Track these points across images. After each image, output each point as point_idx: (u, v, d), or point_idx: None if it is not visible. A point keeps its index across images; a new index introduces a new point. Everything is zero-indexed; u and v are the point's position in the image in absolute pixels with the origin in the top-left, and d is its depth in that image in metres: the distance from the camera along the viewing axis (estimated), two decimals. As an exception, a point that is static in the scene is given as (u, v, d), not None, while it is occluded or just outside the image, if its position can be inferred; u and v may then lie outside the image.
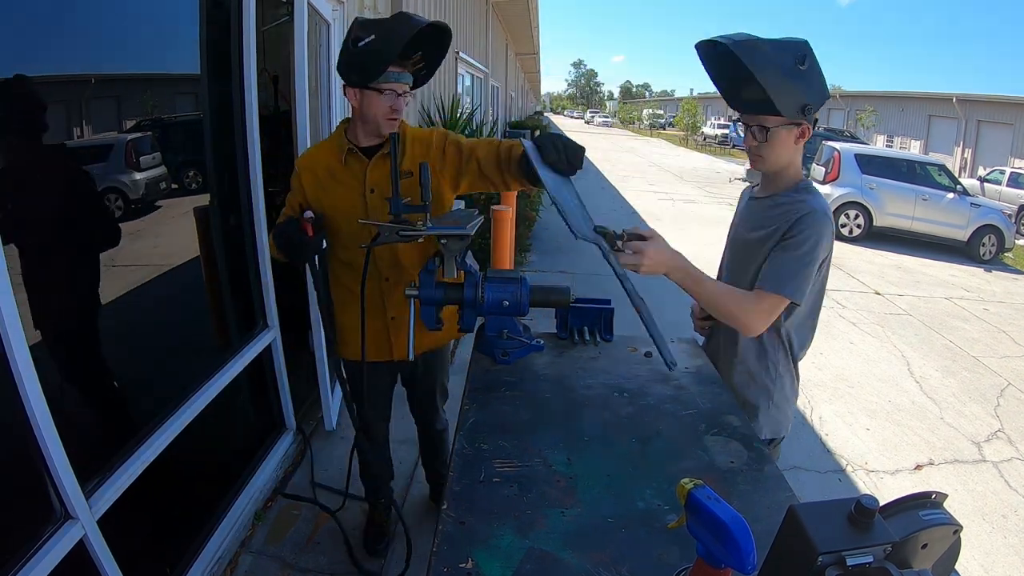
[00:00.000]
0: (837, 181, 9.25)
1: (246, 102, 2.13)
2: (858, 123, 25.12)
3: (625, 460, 1.13)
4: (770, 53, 1.23)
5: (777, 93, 1.24)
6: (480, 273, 1.50)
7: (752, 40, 1.23)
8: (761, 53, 1.22)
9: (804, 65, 1.26)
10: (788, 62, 1.25)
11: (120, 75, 1.64)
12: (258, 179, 2.22)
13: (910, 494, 0.76)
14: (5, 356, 1.14)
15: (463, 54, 8.01)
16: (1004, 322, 5.82)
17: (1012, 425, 3.71)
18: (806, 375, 4.10)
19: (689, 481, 0.75)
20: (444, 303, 1.51)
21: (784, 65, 1.24)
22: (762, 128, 1.35)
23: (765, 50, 1.22)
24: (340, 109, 3.16)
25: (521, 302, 1.47)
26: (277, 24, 2.48)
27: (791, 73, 1.25)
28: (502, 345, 1.51)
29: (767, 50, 1.22)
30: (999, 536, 2.67)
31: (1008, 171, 14.26)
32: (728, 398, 1.39)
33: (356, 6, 3.47)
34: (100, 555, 1.38)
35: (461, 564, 0.87)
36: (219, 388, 1.94)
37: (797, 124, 1.33)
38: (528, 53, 21.65)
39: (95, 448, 1.51)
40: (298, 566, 2.03)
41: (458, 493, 1.02)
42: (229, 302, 2.23)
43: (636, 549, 0.91)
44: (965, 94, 21.13)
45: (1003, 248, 8.85)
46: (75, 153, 1.51)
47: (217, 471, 2.20)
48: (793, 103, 1.27)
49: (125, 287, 1.70)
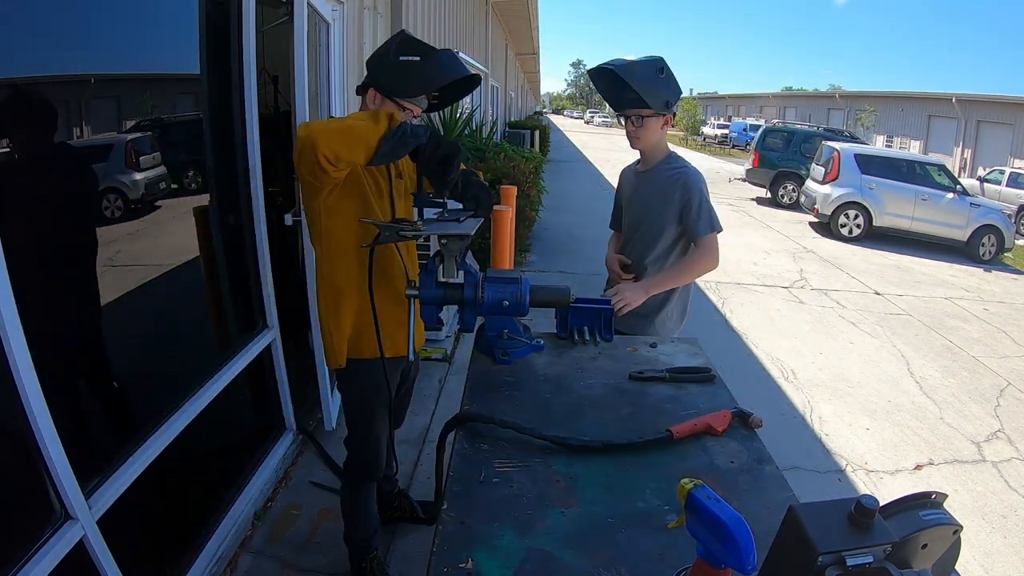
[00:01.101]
0: (837, 181, 9.26)
1: (246, 102, 2.13)
2: (858, 123, 25.13)
3: (625, 460, 1.13)
4: (638, 67, 1.80)
5: (647, 93, 1.79)
6: (480, 273, 1.50)
7: (626, 62, 1.82)
8: (633, 68, 1.79)
9: (663, 73, 1.82)
10: (652, 72, 1.81)
11: (120, 75, 1.64)
12: (258, 179, 2.22)
13: (910, 494, 0.76)
14: (5, 356, 1.14)
15: (463, 54, 8.01)
16: (1004, 322, 5.83)
17: (1012, 425, 3.71)
18: (805, 375, 4.11)
19: (689, 481, 0.75)
20: (444, 303, 1.51)
21: (649, 74, 1.81)
22: (639, 118, 1.88)
23: (635, 67, 1.80)
24: (340, 109, 3.16)
25: (521, 302, 1.47)
26: (277, 24, 2.48)
27: (655, 79, 1.81)
28: (502, 345, 1.51)
29: (636, 67, 1.80)
30: (999, 536, 2.67)
31: (1008, 171, 14.26)
32: (728, 398, 1.39)
33: (356, 6, 3.47)
34: (100, 555, 1.38)
35: (461, 564, 0.87)
36: (219, 388, 1.94)
37: (662, 115, 1.88)
38: (528, 53, 21.65)
39: (95, 448, 1.51)
40: (298, 566, 2.02)
41: (458, 493, 1.02)
42: (229, 302, 2.23)
43: (636, 549, 0.91)
44: (965, 94, 21.13)
45: (1003, 248, 8.85)
46: (75, 153, 1.51)
47: (217, 471, 2.20)
48: (658, 99, 1.82)
49: (125, 287, 1.70)
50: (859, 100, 27.17)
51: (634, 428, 1.24)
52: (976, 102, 20.79)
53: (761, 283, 6.30)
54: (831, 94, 31.72)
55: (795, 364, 4.30)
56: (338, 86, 3.15)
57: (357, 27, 3.51)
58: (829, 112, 29.83)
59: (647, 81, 1.79)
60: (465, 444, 1.16)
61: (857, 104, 27.00)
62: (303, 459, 2.59)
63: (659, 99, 1.82)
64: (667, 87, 1.84)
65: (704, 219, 1.87)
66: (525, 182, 5.35)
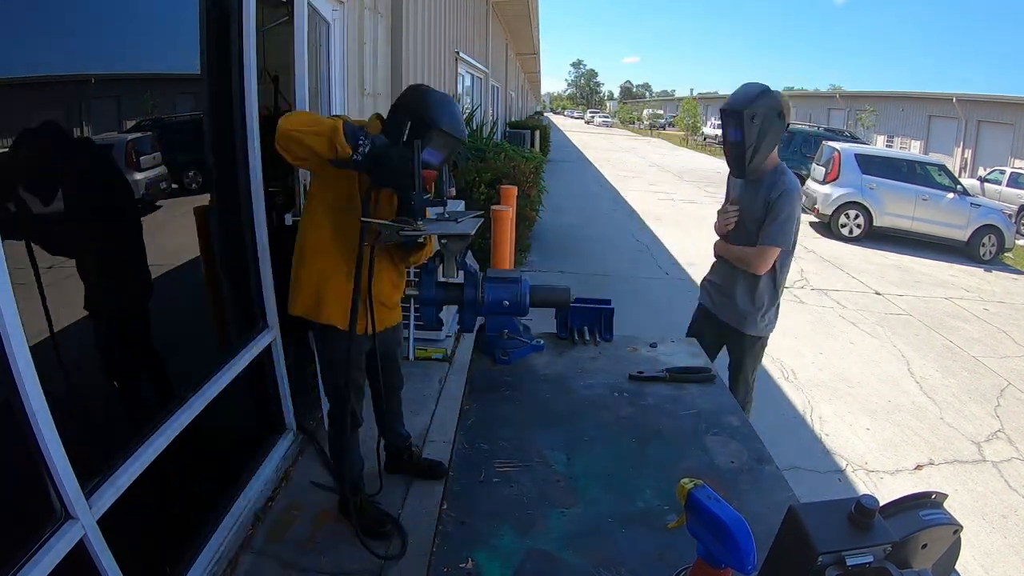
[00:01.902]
0: (837, 181, 9.25)
1: (246, 102, 2.13)
2: (858, 123, 25.12)
3: (625, 460, 1.13)
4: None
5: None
6: (480, 273, 1.50)
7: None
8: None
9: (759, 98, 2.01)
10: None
11: (120, 75, 1.64)
12: (258, 179, 2.21)
13: (910, 494, 0.76)
14: (5, 356, 1.14)
15: (463, 54, 8.01)
16: (1004, 322, 5.82)
17: (1012, 425, 3.70)
18: (806, 375, 4.11)
19: (689, 481, 0.76)
20: (444, 303, 1.51)
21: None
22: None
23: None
24: (340, 109, 3.17)
25: (521, 302, 1.47)
26: (277, 24, 2.48)
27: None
28: (502, 345, 1.51)
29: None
30: (999, 536, 2.67)
31: (1008, 171, 14.25)
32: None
33: (356, 6, 3.47)
34: (100, 555, 1.38)
35: (461, 564, 0.87)
36: (219, 388, 1.94)
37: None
38: (528, 53, 21.64)
39: (95, 448, 1.51)
40: (298, 566, 2.02)
41: (458, 493, 1.02)
42: (229, 302, 2.23)
43: (636, 549, 0.91)
44: (965, 94, 21.12)
45: (1003, 248, 8.85)
46: (75, 153, 1.51)
47: (217, 471, 2.20)
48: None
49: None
50: (859, 100, 27.16)
51: (634, 428, 1.24)
52: (976, 102, 20.78)
53: (761, 283, 6.29)
54: (831, 94, 31.71)
55: (795, 364, 4.30)
56: (338, 86, 3.15)
57: (357, 27, 3.52)
58: (829, 112, 29.81)
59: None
60: (465, 444, 1.16)
61: (857, 104, 26.99)
62: (303, 459, 2.59)
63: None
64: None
65: (774, 230, 2.04)
66: (525, 182, 5.35)
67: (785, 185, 2.04)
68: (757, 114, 1.95)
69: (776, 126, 1.99)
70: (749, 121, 1.95)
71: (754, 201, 2.11)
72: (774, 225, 2.04)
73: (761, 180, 2.09)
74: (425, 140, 1.55)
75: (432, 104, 1.60)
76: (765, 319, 2.22)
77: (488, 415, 1.27)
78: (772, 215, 2.04)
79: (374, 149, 1.49)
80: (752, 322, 2.21)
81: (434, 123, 1.57)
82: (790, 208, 2.03)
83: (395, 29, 4.38)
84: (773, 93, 1.98)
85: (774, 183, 2.05)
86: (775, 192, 2.03)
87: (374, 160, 1.49)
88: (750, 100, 1.96)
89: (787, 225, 2.05)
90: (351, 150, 1.48)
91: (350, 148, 1.48)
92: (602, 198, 10.84)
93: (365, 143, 1.48)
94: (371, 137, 1.51)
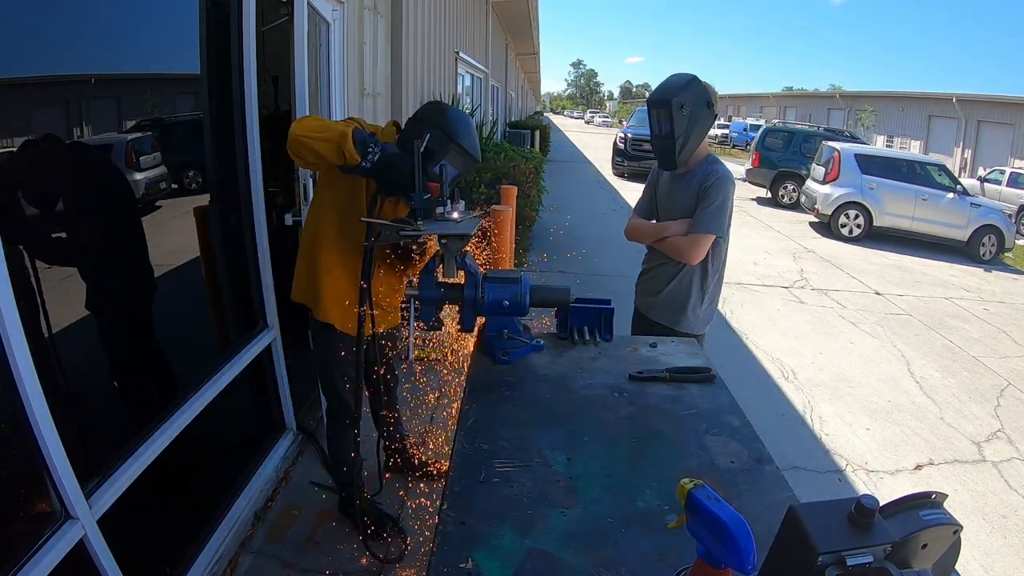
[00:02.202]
0: (837, 181, 9.25)
1: (246, 102, 2.13)
2: (858, 123, 25.12)
3: (625, 460, 1.13)
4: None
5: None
6: (480, 273, 1.50)
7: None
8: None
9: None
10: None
11: (120, 75, 1.64)
12: (258, 179, 2.21)
13: (910, 494, 0.76)
14: (5, 356, 1.14)
15: (463, 54, 8.01)
16: (1004, 322, 5.82)
17: (1012, 425, 3.71)
18: (806, 375, 4.11)
19: (689, 481, 0.75)
20: (444, 303, 1.51)
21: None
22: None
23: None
24: (340, 109, 3.17)
25: (521, 302, 1.47)
26: (277, 24, 2.48)
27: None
28: (502, 345, 1.51)
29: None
30: (999, 536, 2.67)
31: (1008, 171, 14.25)
32: (728, 398, 1.39)
33: (356, 6, 3.47)
34: (100, 555, 1.38)
35: (461, 564, 0.87)
36: (219, 388, 1.94)
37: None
38: (528, 53, 21.64)
39: (95, 448, 1.51)
40: (298, 566, 2.02)
41: (458, 493, 1.02)
42: (229, 302, 2.23)
43: (636, 549, 0.91)
44: (965, 94, 21.11)
45: (1003, 248, 8.85)
46: (74, 153, 1.51)
47: (217, 471, 2.20)
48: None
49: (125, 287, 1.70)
50: (859, 100, 27.15)
51: (634, 428, 1.24)
52: (976, 102, 20.77)
53: (761, 283, 6.30)
54: (831, 94, 31.70)
55: (795, 364, 4.30)
56: (338, 86, 3.15)
57: (357, 27, 3.51)
58: (829, 112, 29.81)
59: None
60: (465, 444, 1.16)
61: (857, 104, 26.98)
62: (303, 459, 2.59)
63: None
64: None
65: (707, 217, 1.95)
66: (525, 182, 5.35)
67: (718, 173, 1.97)
68: (686, 103, 1.88)
69: (705, 115, 1.92)
70: (678, 110, 1.88)
71: (684, 194, 2.03)
72: (708, 212, 1.95)
73: (691, 172, 2.02)
74: (442, 154, 1.57)
75: (453, 121, 1.61)
76: (698, 314, 2.10)
77: (488, 415, 1.27)
78: (705, 202, 1.95)
79: (383, 157, 1.50)
80: (684, 318, 2.09)
81: (453, 137, 1.59)
82: (724, 194, 1.95)
83: (395, 29, 4.37)
84: (701, 82, 1.93)
85: (707, 172, 1.98)
86: (708, 180, 1.96)
87: (382, 168, 1.50)
88: (678, 90, 1.90)
89: (721, 213, 1.96)
90: (360, 157, 1.48)
91: (359, 155, 1.48)
92: (601, 198, 10.84)
93: (375, 151, 1.49)
94: (382, 145, 1.52)
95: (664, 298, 2.12)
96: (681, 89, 1.91)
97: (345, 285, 1.81)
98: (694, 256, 1.98)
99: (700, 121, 1.93)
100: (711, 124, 1.98)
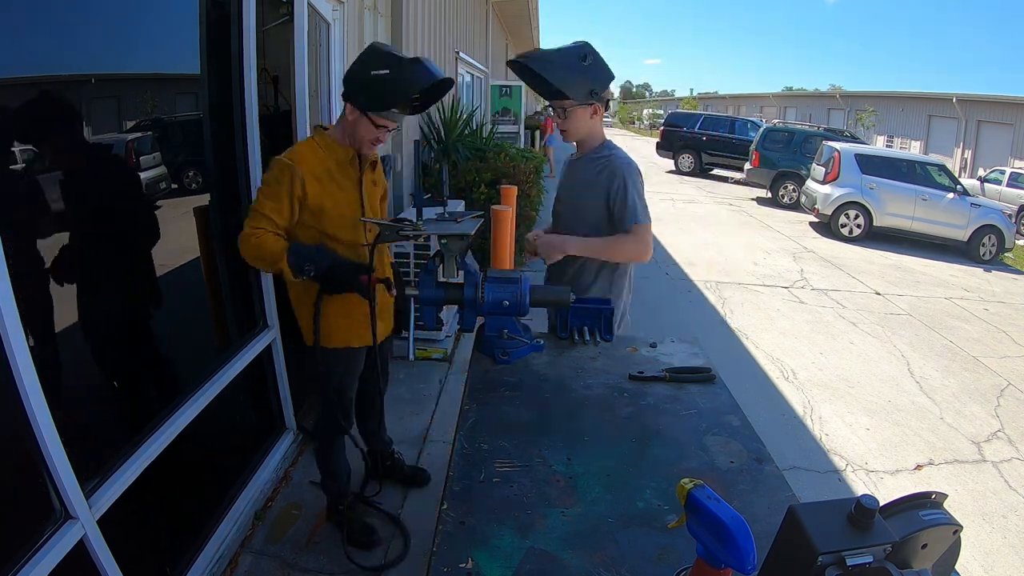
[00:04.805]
0: (837, 181, 9.25)
1: (246, 102, 2.13)
2: (858, 123, 25.10)
3: (625, 460, 1.13)
4: (555, 58, 1.75)
5: (566, 85, 1.74)
6: (480, 273, 1.51)
7: (540, 52, 1.83)
8: (547, 60, 1.76)
9: (586, 61, 1.73)
10: (572, 61, 1.73)
11: (120, 75, 1.64)
12: (258, 179, 2.21)
13: (910, 494, 0.76)
14: (5, 356, 1.14)
15: (463, 54, 8.00)
16: (1004, 322, 5.82)
17: (1012, 425, 3.71)
18: (805, 375, 4.11)
19: (689, 481, 0.75)
20: (444, 303, 1.51)
21: (569, 64, 1.73)
22: (562, 109, 1.81)
23: (551, 57, 1.76)
24: (340, 109, 3.17)
25: (521, 302, 1.47)
26: (277, 24, 2.48)
27: (576, 68, 1.73)
28: (502, 345, 1.51)
29: (553, 57, 1.76)
30: (999, 536, 2.67)
31: (1008, 171, 14.24)
32: (728, 398, 1.39)
33: (356, 6, 3.47)
34: (100, 555, 1.38)
35: (461, 564, 0.87)
36: (219, 388, 1.94)
37: (589, 104, 1.80)
38: (528, 53, 21.61)
39: (95, 448, 1.51)
40: (298, 566, 2.03)
41: (458, 493, 1.02)
42: (229, 302, 2.22)
43: (636, 549, 0.91)
44: (965, 94, 21.08)
45: (1003, 248, 8.85)
46: (75, 152, 1.51)
47: (217, 471, 2.20)
48: (581, 90, 1.76)
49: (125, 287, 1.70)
50: (859, 100, 27.13)
51: (634, 428, 1.24)
52: (976, 102, 20.76)
53: (761, 283, 6.29)
54: (831, 94, 31.68)
55: (795, 364, 4.30)
56: (338, 86, 3.15)
57: (357, 27, 3.51)
58: (829, 112, 29.79)
59: (567, 71, 1.73)
60: (465, 444, 1.16)
61: (857, 104, 26.97)
62: (303, 459, 2.59)
63: (582, 89, 1.75)
64: (592, 76, 1.76)
65: (629, 209, 1.79)
66: (525, 182, 5.35)
67: (621, 159, 1.84)
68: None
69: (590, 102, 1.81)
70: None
71: (579, 176, 1.90)
72: (634, 201, 1.79)
73: (585, 157, 1.90)
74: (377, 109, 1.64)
75: (376, 70, 1.61)
76: (625, 316, 1.99)
77: (488, 415, 1.27)
78: (626, 192, 1.79)
79: (319, 273, 1.63)
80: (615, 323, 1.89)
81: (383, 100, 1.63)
82: (638, 182, 1.83)
83: (395, 29, 4.37)
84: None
85: (607, 159, 1.85)
86: (613, 167, 1.82)
87: (323, 279, 1.65)
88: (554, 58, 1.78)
89: (643, 199, 1.83)
90: (296, 274, 1.61)
91: (295, 274, 1.61)
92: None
93: (309, 269, 1.61)
94: (315, 261, 1.62)
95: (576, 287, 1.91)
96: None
97: (339, 306, 1.78)
98: (646, 251, 1.84)
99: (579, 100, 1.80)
100: (604, 112, 1.88)
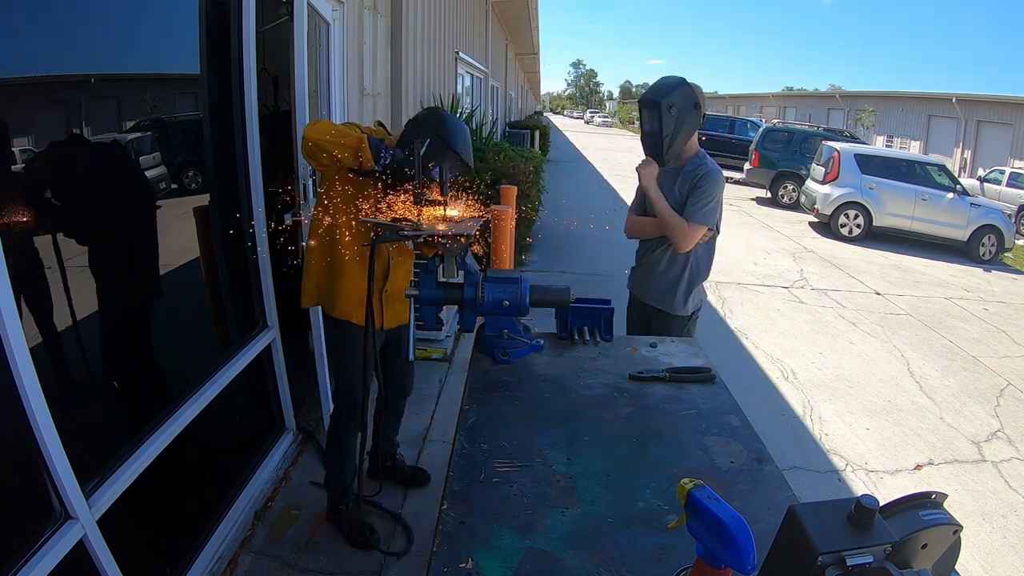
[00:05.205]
0: (837, 181, 9.25)
1: (246, 102, 2.13)
2: (858, 123, 25.10)
3: (625, 460, 1.13)
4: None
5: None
6: (480, 273, 1.51)
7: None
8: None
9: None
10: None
11: (120, 75, 1.64)
12: (258, 179, 2.22)
13: (910, 494, 0.76)
14: (5, 356, 1.14)
15: (463, 54, 8.00)
16: (1004, 322, 5.82)
17: (1012, 425, 3.71)
18: (805, 375, 4.11)
19: (689, 481, 0.76)
20: (444, 303, 1.51)
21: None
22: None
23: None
24: (340, 109, 3.17)
25: (521, 302, 1.47)
26: (277, 24, 2.48)
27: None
28: (502, 345, 1.51)
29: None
30: (999, 536, 2.67)
31: (1008, 171, 14.24)
32: (728, 398, 1.39)
33: (356, 6, 3.47)
34: (100, 555, 1.38)
35: (461, 564, 0.87)
36: (219, 388, 1.94)
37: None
38: (528, 53, 21.63)
39: (95, 448, 1.50)
40: (298, 566, 2.03)
41: (458, 493, 1.02)
42: (229, 302, 2.22)
43: (636, 549, 0.91)
44: (965, 94, 21.07)
45: (1003, 248, 8.84)
46: (75, 153, 1.51)
47: (217, 471, 2.20)
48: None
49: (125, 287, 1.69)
50: (859, 100, 27.13)
51: (634, 428, 1.24)
52: (976, 102, 20.75)
53: (761, 283, 6.30)
54: (831, 94, 31.67)
55: (795, 364, 4.30)
56: (338, 86, 3.15)
57: (357, 27, 3.51)
58: (829, 112, 29.78)
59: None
60: (465, 444, 1.16)
61: (857, 104, 26.96)
62: (303, 459, 2.59)
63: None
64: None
65: (701, 210, 2.06)
66: (525, 182, 5.35)
67: (708, 167, 2.11)
68: (674, 104, 2.03)
69: (692, 116, 2.07)
70: (667, 111, 2.03)
71: (673, 188, 2.15)
72: (701, 205, 2.07)
73: (681, 167, 2.16)
74: (440, 159, 1.72)
75: (452, 130, 1.78)
76: (687, 297, 2.22)
77: (488, 415, 1.27)
78: (698, 196, 2.08)
79: (394, 161, 1.67)
80: (674, 300, 2.22)
81: (451, 146, 1.76)
82: (716, 189, 2.09)
83: (395, 29, 4.37)
84: (689, 85, 2.07)
85: (696, 166, 2.12)
86: (699, 174, 2.09)
87: (395, 167, 1.68)
88: (667, 92, 2.05)
89: (714, 207, 2.10)
90: (373, 161, 1.65)
91: (373, 160, 1.65)
92: (601, 197, 10.84)
93: (386, 156, 1.66)
94: (391, 151, 1.69)
95: (656, 282, 2.24)
96: (670, 91, 2.05)
97: (359, 278, 1.81)
98: (685, 244, 2.10)
99: (687, 121, 2.07)
100: (699, 123, 2.11)
